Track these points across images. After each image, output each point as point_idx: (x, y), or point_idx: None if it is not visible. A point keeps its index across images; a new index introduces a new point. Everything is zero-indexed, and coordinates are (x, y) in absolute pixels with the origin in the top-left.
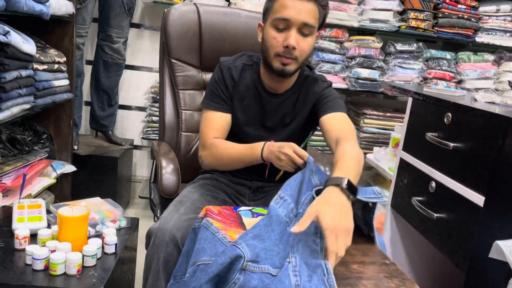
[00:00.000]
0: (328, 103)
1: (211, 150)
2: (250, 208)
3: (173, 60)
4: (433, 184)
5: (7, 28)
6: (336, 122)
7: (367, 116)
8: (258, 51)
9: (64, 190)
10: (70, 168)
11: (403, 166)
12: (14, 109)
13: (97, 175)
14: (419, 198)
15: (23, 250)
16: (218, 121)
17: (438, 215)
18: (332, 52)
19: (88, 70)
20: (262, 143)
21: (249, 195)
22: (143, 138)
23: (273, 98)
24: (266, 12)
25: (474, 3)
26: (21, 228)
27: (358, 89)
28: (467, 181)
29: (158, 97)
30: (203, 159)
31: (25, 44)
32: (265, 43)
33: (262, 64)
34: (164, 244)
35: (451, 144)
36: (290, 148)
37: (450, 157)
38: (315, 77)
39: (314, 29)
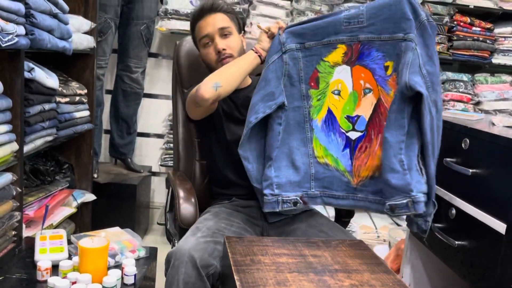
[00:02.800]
0: None
1: (213, 74)
2: None
3: (186, 91)
4: (453, 210)
5: (31, 64)
6: None
7: None
8: None
9: (85, 219)
10: (90, 197)
11: None
12: (38, 141)
13: (117, 202)
14: (439, 225)
15: (45, 281)
16: None
17: (459, 242)
18: None
19: (107, 99)
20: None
21: (262, 215)
22: (161, 165)
23: (238, 93)
24: (195, 41)
25: (489, 25)
26: (43, 260)
27: None
28: (488, 207)
29: None
30: (208, 86)
31: (49, 79)
32: (206, 62)
33: None
34: (183, 265)
35: (470, 170)
36: (261, 35)
37: (470, 183)
38: None
39: (231, 28)
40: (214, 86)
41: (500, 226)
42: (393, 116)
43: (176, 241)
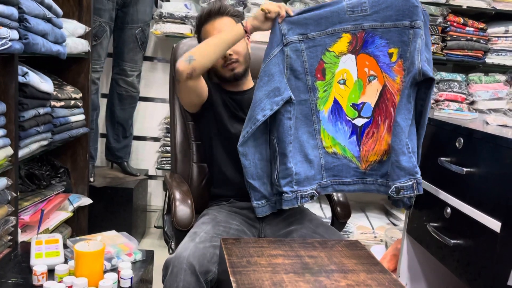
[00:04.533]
0: None
1: (194, 49)
2: None
3: (184, 107)
4: (448, 209)
5: (25, 69)
6: None
7: None
8: None
9: (81, 223)
10: (86, 201)
11: None
12: (33, 146)
13: (113, 206)
14: (435, 224)
15: (41, 286)
16: None
17: (455, 241)
18: None
19: (103, 103)
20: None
21: (258, 217)
22: (157, 168)
23: (243, 94)
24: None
25: (482, 25)
26: (39, 264)
27: None
28: (483, 206)
29: None
30: (182, 59)
31: (43, 83)
32: (212, 66)
33: (221, 83)
34: (182, 272)
35: (464, 169)
36: (258, 11)
37: (464, 182)
38: None
39: None
40: (188, 59)
41: (494, 225)
42: (404, 101)
43: (173, 244)
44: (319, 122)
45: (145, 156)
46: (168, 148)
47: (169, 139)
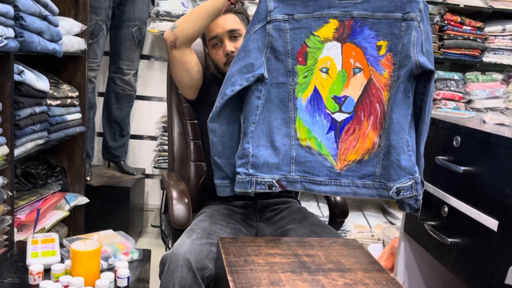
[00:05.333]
0: None
1: (179, 19)
2: None
3: (180, 92)
4: (446, 208)
5: (21, 67)
6: None
7: None
8: None
9: (78, 222)
10: (83, 200)
11: None
12: (29, 145)
13: (110, 205)
14: (432, 223)
15: (37, 286)
16: None
17: (452, 240)
18: None
19: (100, 101)
20: None
21: (256, 216)
22: (154, 167)
23: None
24: (204, 41)
25: (479, 24)
26: (35, 264)
27: None
28: (480, 205)
29: None
30: (169, 29)
31: (39, 81)
32: (214, 62)
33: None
34: (179, 268)
35: (462, 168)
36: None
37: (462, 180)
38: None
39: (240, 30)
40: (172, 27)
41: (492, 223)
42: (400, 96)
43: (170, 243)
44: (296, 110)
45: (142, 155)
46: (165, 147)
47: (166, 138)
